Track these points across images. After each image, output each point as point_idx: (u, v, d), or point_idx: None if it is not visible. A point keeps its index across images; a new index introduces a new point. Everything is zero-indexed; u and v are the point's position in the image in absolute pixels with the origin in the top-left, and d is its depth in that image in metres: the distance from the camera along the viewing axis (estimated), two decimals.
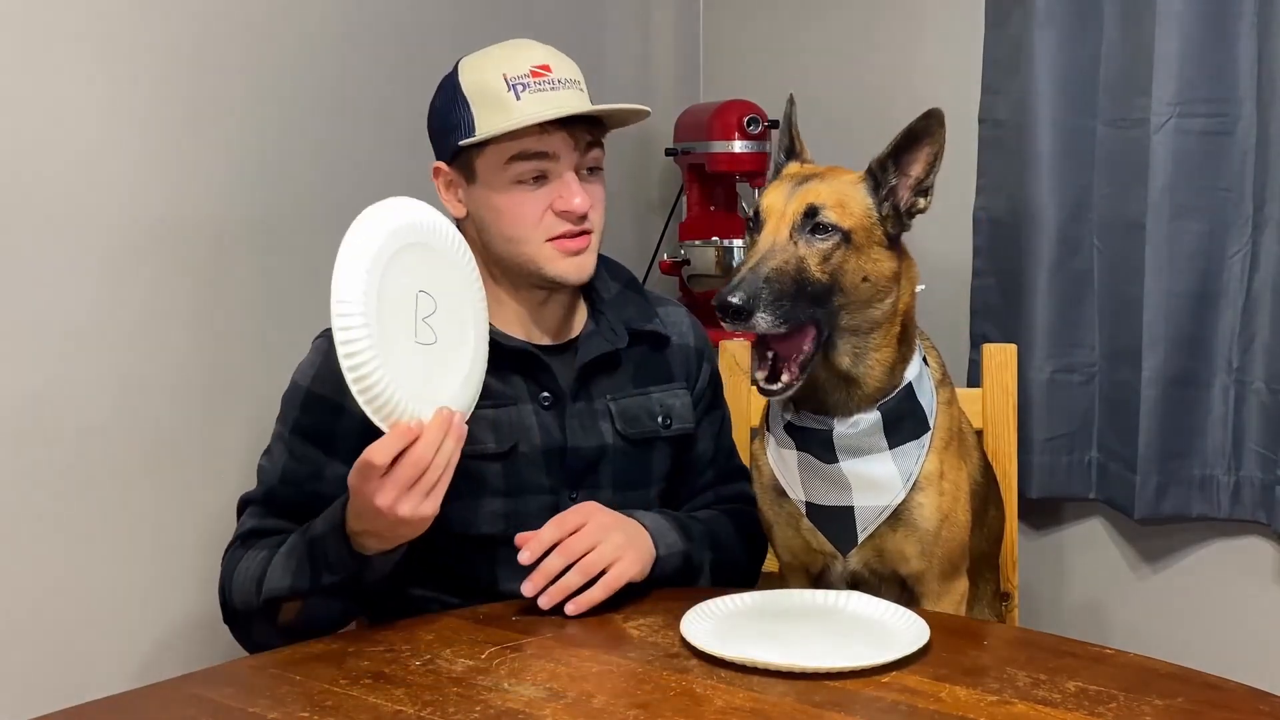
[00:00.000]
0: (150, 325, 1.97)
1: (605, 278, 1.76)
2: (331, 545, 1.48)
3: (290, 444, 1.63)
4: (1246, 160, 2.20)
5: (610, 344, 1.71)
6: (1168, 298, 2.24)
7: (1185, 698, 1.26)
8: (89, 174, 1.89)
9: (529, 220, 1.62)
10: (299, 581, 1.50)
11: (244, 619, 1.58)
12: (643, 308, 1.77)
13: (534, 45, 1.67)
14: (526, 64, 1.61)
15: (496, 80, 1.60)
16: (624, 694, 1.27)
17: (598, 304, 1.74)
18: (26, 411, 1.83)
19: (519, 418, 1.65)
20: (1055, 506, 2.54)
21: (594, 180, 1.66)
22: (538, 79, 1.60)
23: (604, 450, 1.68)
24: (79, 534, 1.90)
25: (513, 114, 1.59)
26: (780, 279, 1.45)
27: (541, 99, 1.59)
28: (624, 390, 1.72)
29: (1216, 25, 2.18)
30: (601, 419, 1.69)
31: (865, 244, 1.50)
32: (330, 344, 1.64)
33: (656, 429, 1.73)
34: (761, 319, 1.43)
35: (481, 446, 1.62)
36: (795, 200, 1.50)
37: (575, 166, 1.63)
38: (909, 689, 1.28)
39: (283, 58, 2.14)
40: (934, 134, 1.50)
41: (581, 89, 1.64)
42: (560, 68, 1.63)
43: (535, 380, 1.67)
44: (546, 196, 1.62)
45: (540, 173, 1.61)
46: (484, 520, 1.63)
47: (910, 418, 1.56)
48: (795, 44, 2.81)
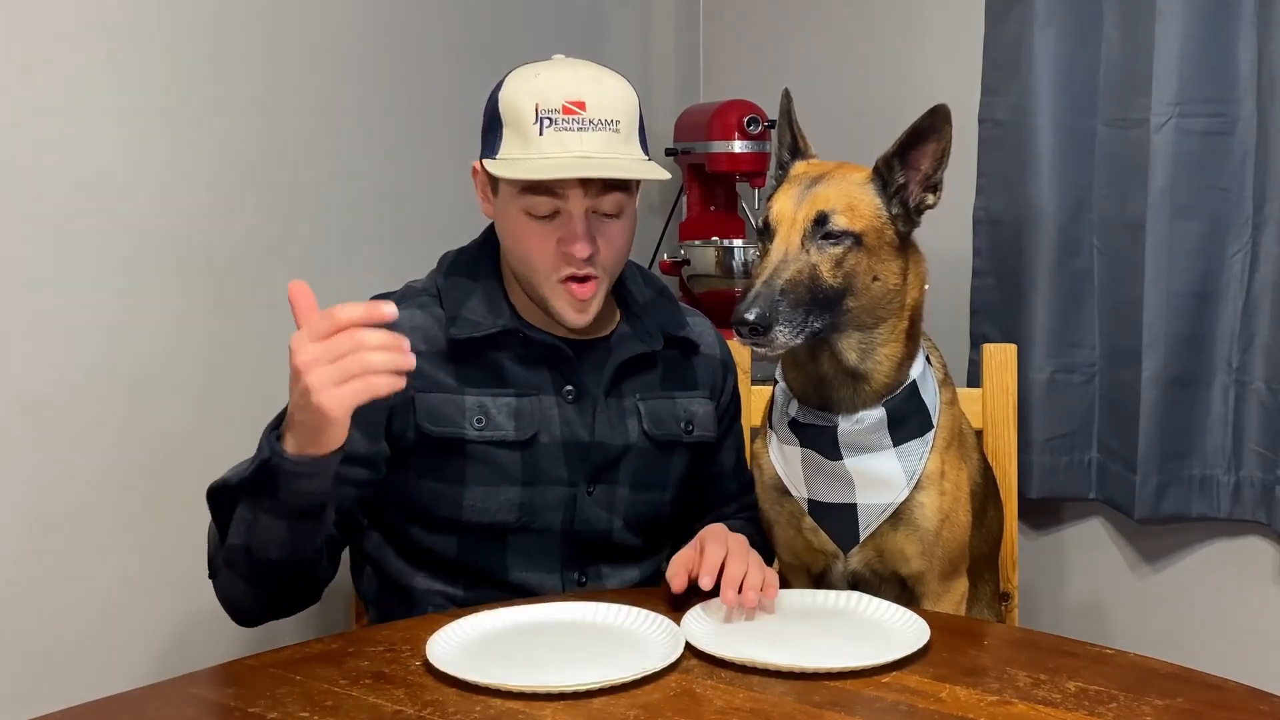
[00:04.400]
0: (154, 326, 1.97)
1: (640, 283, 1.77)
2: (262, 438, 1.39)
3: None
4: (1246, 160, 2.20)
5: (646, 345, 1.71)
6: (1168, 298, 2.23)
7: (1185, 698, 1.26)
8: (95, 178, 1.89)
9: (537, 254, 1.60)
10: (232, 474, 1.43)
11: (213, 563, 1.51)
12: (675, 315, 1.77)
13: (580, 73, 1.61)
14: (561, 97, 1.57)
15: (528, 107, 1.57)
16: (624, 694, 1.27)
17: (632, 307, 1.74)
18: (30, 412, 1.83)
19: (541, 409, 1.65)
20: (1055, 506, 2.54)
21: (611, 221, 1.63)
22: (568, 116, 1.56)
23: (628, 448, 1.69)
24: (79, 534, 1.90)
25: (530, 149, 1.56)
26: (795, 290, 1.44)
27: (562, 141, 1.56)
28: (653, 391, 1.73)
29: (1216, 25, 2.18)
30: (630, 417, 1.70)
31: (876, 245, 1.50)
32: None
33: (679, 433, 1.74)
34: (780, 333, 1.43)
35: (501, 434, 1.62)
36: (805, 206, 1.49)
37: (591, 207, 1.60)
38: (909, 689, 1.28)
39: (290, 64, 2.14)
40: (940, 130, 1.50)
41: (616, 129, 1.59)
42: (597, 104, 1.58)
43: (560, 374, 1.67)
44: (556, 232, 1.59)
45: (552, 209, 1.59)
46: (500, 508, 1.64)
47: (915, 415, 1.56)
48: (795, 44, 2.81)
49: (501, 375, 1.64)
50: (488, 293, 1.67)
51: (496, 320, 1.64)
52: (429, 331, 1.63)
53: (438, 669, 1.31)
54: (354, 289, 1.93)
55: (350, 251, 2.26)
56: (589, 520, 1.67)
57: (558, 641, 1.41)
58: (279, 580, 1.48)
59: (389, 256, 2.30)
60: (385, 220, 2.32)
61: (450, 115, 2.41)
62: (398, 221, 2.34)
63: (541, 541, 1.66)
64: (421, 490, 1.61)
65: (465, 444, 1.61)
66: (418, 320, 1.63)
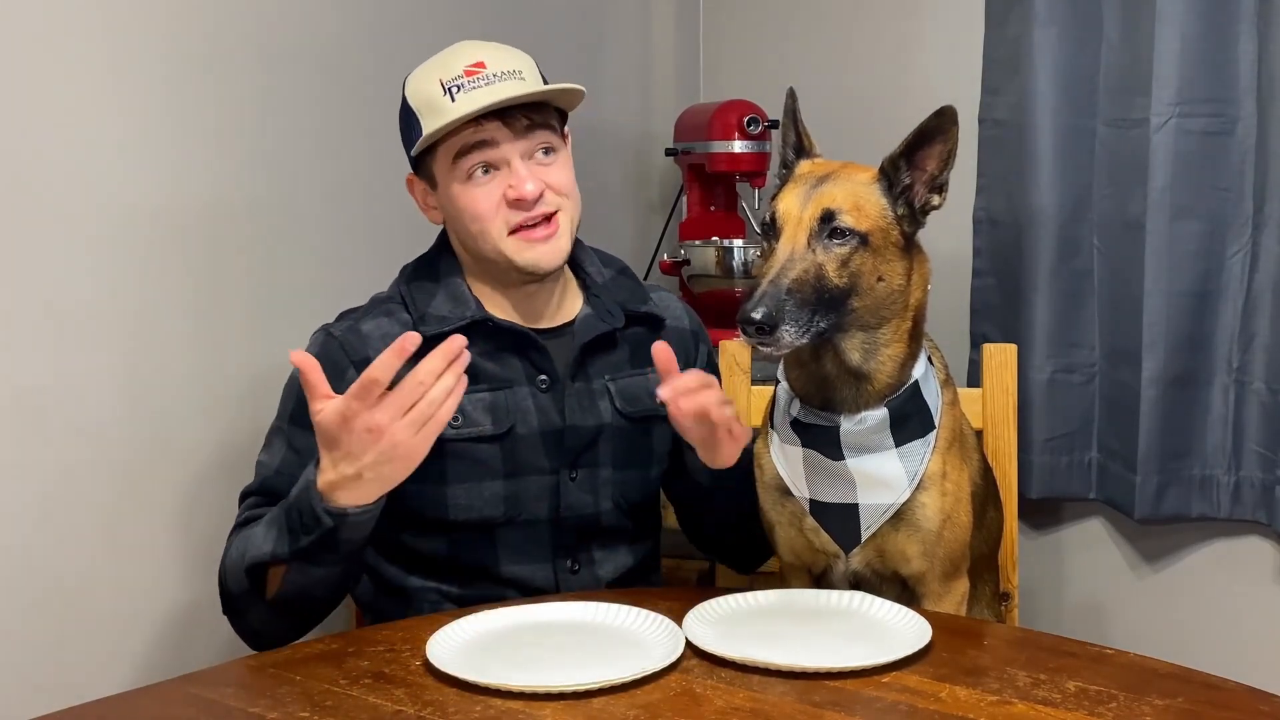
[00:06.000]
0: (149, 319, 1.97)
1: (598, 264, 1.80)
2: (305, 504, 1.46)
3: (289, 434, 1.64)
4: (1246, 160, 2.20)
5: (608, 325, 1.73)
6: (1168, 298, 2.24)
7: (1185, 698, 1.26)
8: (87, 167, 1.89)
9: (486, 213, 1.64)
10: (278, 547, 1.49)
11: (240, 603, 1.57)
12: (637, 291, 1.80)
13: (471, 45, 1.69)
14: (460, 65, 1.64)
15: (433, 86, 1.64)
16: (624, 694, 1.27)
17: (592, 288, 1.77)
18: (24, 407, 1.83)
19: (515, 400, 1.67)
20: (1055, 506, 2.54)
21: (550, 160, 1.67)
22: (471, 77, 1.63)
23: (602, 429, 1.70)
24: (78, 532, 1.90)
25: (447, 115, 1.61)
26: (801, 289, 1.44)
27: (473, 97, 1.61)
28: (623, 370, 1.75)
29: (1216, 25, 2.18)
30: (600, 398, 1.71)
31: (882, 245, 1.50)
32: (327, 335, 1.67)
33: (655, 408, 1.72)
34: (786, 332, 1.43)
35: (478, 429, 1.64)
36: (812, 205, 1.49)
37: (523, 152, 1.64)
38: (909, 689, 1.28)
39: (281, 47, 2.14)
40: (947, 131, 1.51)
41: (520, 77, 1.65)
42: (496, 61, 1.65)
43: (531, 363, 1.69)
44: (499, 187, 1.64)
45: (486, 163, 1.64)
46: (485, 503, 1.65)
47: (917, 416, 1.56)
48: (795, 44, 2.81)
49: (473, 370, 1.62)
50: (451, 289, 1.70)
51: (463, 312, 1.67)
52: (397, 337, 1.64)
53: (438, 669, 1.31)
54: (351, 288, 1.93)
55: (347, 250, 2.26)
56: (574, 505, 1.68)
57: (558, 641, 1.41)
58: (321, 611, 1.58)
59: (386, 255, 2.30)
60: (382, 220, 2.32)
61: None
62: (394, 220, 2.34)
63: (531, 533, 1.67)
64: (406, 494, 1.59)
65: (444, 443, 1.60)
66: (385, 329, 1.66)
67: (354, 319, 1.70)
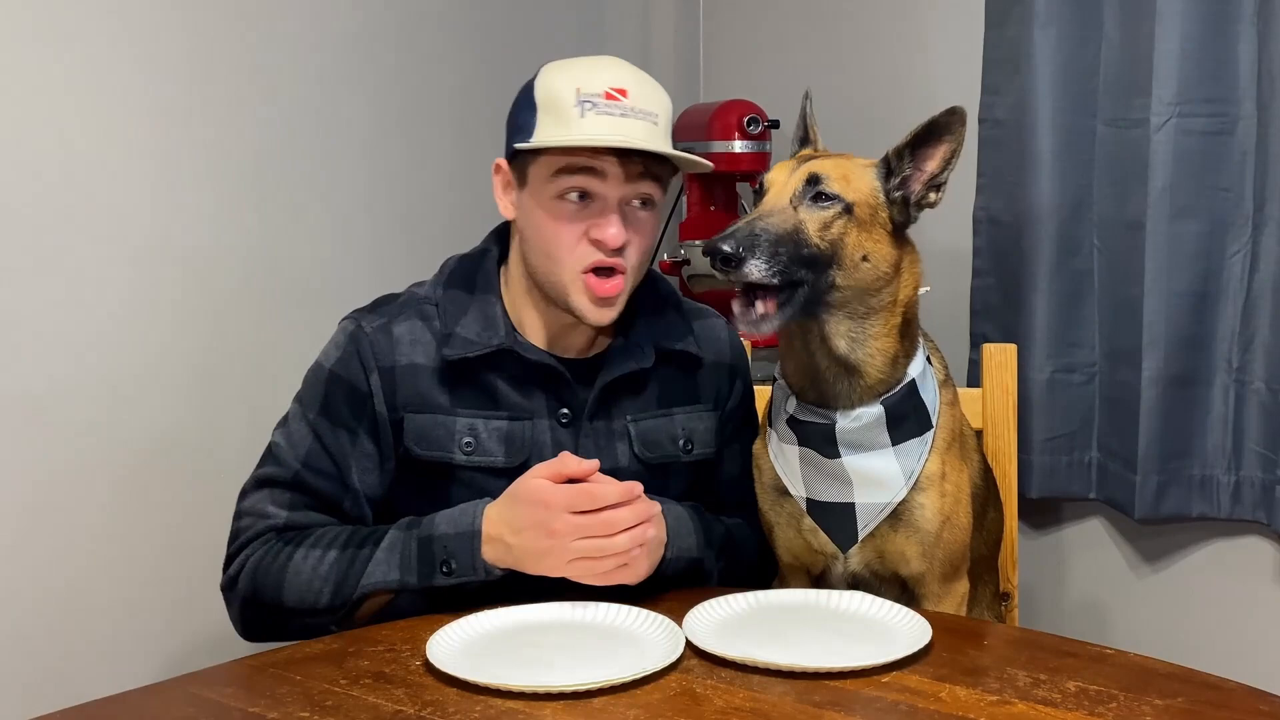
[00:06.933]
0: (150, 326, 1.97)
1: (647, 287, 1.70)
2: (460, 549, 1.48)
3: (315, 424, 1.60)
4: (1246, 160, 2.20)
5: (635, 364, 1.65)
6: (1168, 298, 2.23)
7: (1185, 698, 1.26)
8: (95, 181, 1.89)
9: (565, 242, 1.56)
10: (408, 577, 1.50)
11: (286, 615, 1.54)
12: (677, 326, 1.71)
13: (619, 66, 1.60)
14: (604, 83, 1.55)
15: (569, 92, 1.54)
16: (624, 694, 1.27)
17: (629, 319, 1.68)
18: (26, 411, 1.83)
19: (534, 434, 1.62)
20: (1055, 506, 2.54)
21: (644, 215, 1.59)
22: (610, 101, 1.54)
23: (616, 473, 1.57)
24: (78, 534, 1.90)
25: (571, 129, 1.53)
26: (774, 234, 1.45)
27: (607, 123, 1.53)
28: (648, 410, 1.68)
29: (1216, 25, 2.18)
30: (619, 439, 1.66)
31: (868, 222, 1.50)
32: (357, 327, 1.62)
33: (677, 454, 1.69)
34: (754, 266, 1.43)
35: (491, 459, 1.60)
36: (800, 171, 1.51)
37: (622, 196, 1.56)
38: (909, 689, 1.28)
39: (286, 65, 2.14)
40: (955, 131, 1.51)
41: (655, 122, 1.56)
42: (639, 96, 1.56)
43: (556, 396, 1.63)
44: (586, 220, 1.56)
45: (585, 190, 1.55)
46: None
47: (914, 414, 1.56)
48: (795, 44, 2.81)
49: (495, 397, 1.61)
50: (483, 309, 1.63)
51: (490, 339, 1.60)
52: (429, 347, 1.61)
53: (438, 669, 1.31)
54: (348, 289, 1.93)
55: (344, 252, 2.26)
56: None
57: (558, 641, 1.41)
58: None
59: (382, 257, 2.30)
60: (379, 221, 2.32)
61: (446, 116, 2.41)
62: (390, 223, 2.34)
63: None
64: (410, 511, 1.58)
65: (453, 469, 1.60)
66: (418, 333, 1.61)
67: (388, 315, 1.63)
